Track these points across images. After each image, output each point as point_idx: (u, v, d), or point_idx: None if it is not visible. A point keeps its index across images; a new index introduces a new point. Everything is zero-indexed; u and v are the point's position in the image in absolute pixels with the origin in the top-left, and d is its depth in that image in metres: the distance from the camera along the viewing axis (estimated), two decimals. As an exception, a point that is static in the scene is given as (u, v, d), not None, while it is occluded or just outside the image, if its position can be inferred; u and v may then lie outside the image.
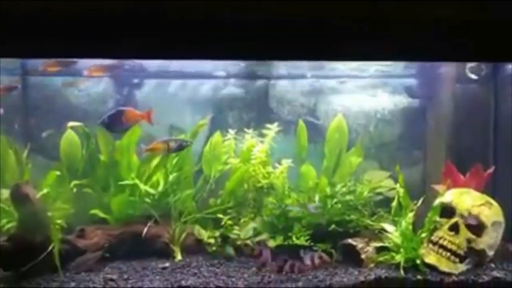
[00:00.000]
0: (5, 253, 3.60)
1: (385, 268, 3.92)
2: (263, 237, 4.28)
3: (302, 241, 4.14)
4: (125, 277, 3.78)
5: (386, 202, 4.53)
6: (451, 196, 4.08)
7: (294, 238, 4.19)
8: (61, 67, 4.30)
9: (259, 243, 4.18)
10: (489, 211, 3.96)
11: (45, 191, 4.07)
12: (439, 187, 4.28)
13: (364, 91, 5.26)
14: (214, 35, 2.53)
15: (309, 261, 3.79)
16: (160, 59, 4.01)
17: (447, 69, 4.81)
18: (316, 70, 5.05)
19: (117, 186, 4.43)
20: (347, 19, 2.54)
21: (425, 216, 4.10)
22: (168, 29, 2.52)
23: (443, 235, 3.93)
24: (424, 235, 4.02)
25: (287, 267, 3.78)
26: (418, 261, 3.86)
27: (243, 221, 4.42)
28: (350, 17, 2.53)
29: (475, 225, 3.88)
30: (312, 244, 4.14)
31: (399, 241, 4.02)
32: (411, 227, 4.08)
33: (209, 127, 4.94)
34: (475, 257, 3.90)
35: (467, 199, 4.00)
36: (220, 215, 4.40)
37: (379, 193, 4.67)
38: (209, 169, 4.66)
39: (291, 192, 4.49)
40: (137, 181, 4.40)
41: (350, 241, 4.12)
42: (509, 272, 3.89)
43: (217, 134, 4.71)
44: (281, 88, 5.24)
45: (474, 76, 4.81)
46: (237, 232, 4.33)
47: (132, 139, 4.45)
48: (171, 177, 4.50)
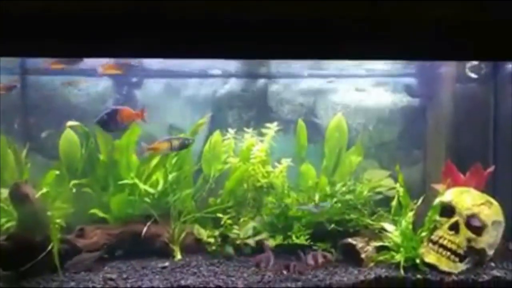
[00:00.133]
0: (5, 253, 3.60)
1: (385, 267, 3.92)
2: (263, 236, 4.29)
3: (302, 241, 4.16)
4: (125, 276, 3.78)
5: (386, 201, 4.53)
6: (451, 195, 4.08)
7: (294, 237, 4.20)
8: (66, 65, 4.27)
9: (262, 244, 4.17)
10: (489, 210, 3.96)
11: (44, 190, 4.06)
12: (439, 186, 4.29)
13: (364, 91, 5.24)
14: (214, 35, 2.53)
15: (313, 260, 3.77)
16: (160, 58, 4.00)
17: (447, 68, 4.81)
18: (316, 69, 5.05)
19: (117, 185, 4.43)
20: (347, 19, 2.54)
21: (425, 215, 4.10)
22: (168, 29, 2.52)
23: (443, 234, 3.93)
24: (424, 234, 4.03)
25: (291, 268, 3.74)
26: (418, 261, 3.86)
27: (242, 220, 4.42)
28: (350, 17, 2.53)
29: (476, 225, 3.88)
30: (312, 243, 4.15)
31: (399, 240, 4.02)
32: (411, 227, 4.08)
33: (208, 127, 4.94)
34: (475, 256, 3.90)
35: (467, 198, 4.00)
36: (219, 215, 4.40)
37: (379, 193, 4.67)
38: (209, 169, 4.66)
39: (291, 191, 4.49)
40: (136, 181, 4.40)
41: (350, 240, 4.12)
42: (509, 271, 3.90)
43: (217, 133, 4.71)
44: (280, 87, 5.24)
45: (474, 75, 4.80)
46: (236, 231, 4.33)
47: (131, 139, 4.45)
48: (171, 177, 4.49)
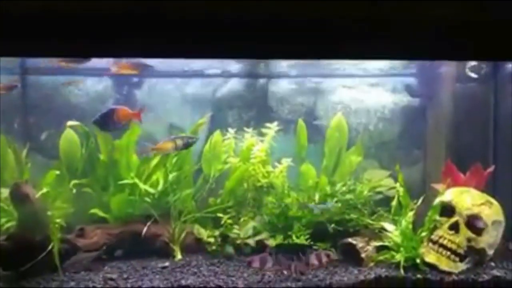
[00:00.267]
0: (5, 253, 3.60)
1: (385, 267, 3.92)
2: (263, 236, 4.29)
3: (302, 240, 4.16)
4: (125, 276, 3.78)
5: (386, 201, 4.53)
6: (451, 195, 4.08)
7: (294, 237, 4.20)
8: (73, 63, 4.25)
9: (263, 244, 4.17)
10: (489, 210, 3.96)
11: (44, 190, 4.06)
12: (439, 186, 4.28)
13: (364, 90, 5.25)
14: (214, 35, 2.53)
15: (316, 260, 3.76)
16: (160, 58, 3.99)
17: (447, 68, 4.81)
18: (315, 69, 5.04)
19: (117, 185, 4.43)
20: (347, 19, 2.54)
21: (425, 215, 4.10)
22: (168, 29, 2.52)
23: (443, 234, 3.93)
24: (424, 234, 4.02)
25: (292, 268, 3.72)
26: (418, 260, 3.86)
27: (242, 220, 4.42)
28: (350, 17, 2.53)
29: (479, 226, 3.88)
30: (312, 243, 4.15)
31: (399, 240, 4.02)
32: (411, 226, 4.08)
33: (208, 126, 4.94)
34: (475, 256, 3.90)
35: (467, 198, 4.00)
36: (219, 214, 4.40)
37: (379, 192, 4.67)
38: (209, 168, 4.66)
39: (291, 191, 4.49)
40: (136, 180, 4.39)
41: (350, 240, 4.12)
42: (509, 271, 3.89)
43: (217, 133, 4.71)
44: (281, 87, 5.24)
45: (474, 75, 4.80)
46: (236, 231, 4.33)
47: (131, 138, 4.45)
48: (171, 176, 4.49)
